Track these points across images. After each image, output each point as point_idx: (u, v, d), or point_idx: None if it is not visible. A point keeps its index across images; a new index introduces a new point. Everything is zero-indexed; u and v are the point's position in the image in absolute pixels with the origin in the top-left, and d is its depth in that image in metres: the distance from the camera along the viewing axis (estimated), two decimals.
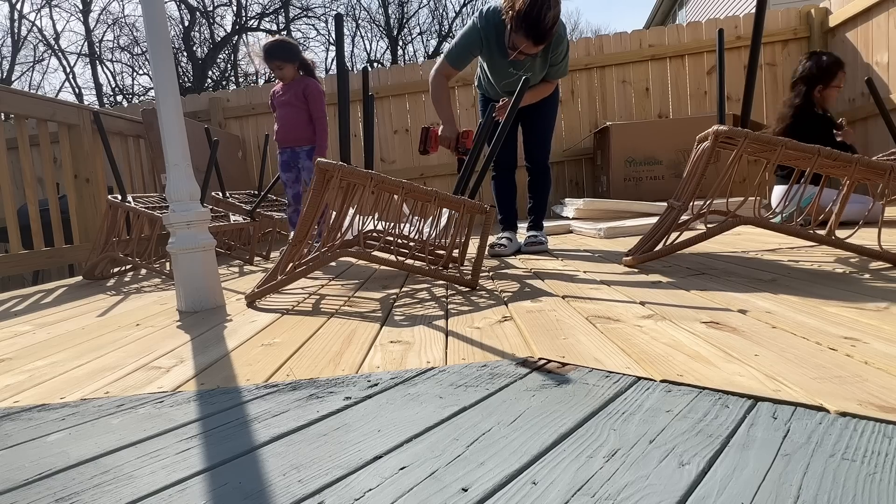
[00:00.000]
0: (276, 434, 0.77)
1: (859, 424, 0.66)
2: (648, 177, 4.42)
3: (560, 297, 1.57)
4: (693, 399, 0.77)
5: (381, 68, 5.34)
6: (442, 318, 1.43)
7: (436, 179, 5.23)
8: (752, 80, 1.77)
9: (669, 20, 13.97)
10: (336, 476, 0.64)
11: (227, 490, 0.63)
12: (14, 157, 4.13)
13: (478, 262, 1.84)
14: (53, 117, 3.28)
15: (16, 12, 20.12)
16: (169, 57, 1.77)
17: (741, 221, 1.77)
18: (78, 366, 1.24)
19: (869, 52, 4.18)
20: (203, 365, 1.16)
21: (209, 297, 1.83)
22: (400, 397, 0.87)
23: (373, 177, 1.75)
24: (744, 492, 0.54)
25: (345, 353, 1.16)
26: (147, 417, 0.88)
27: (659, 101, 5.04)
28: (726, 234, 2.74)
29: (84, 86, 28.91)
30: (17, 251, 2.97)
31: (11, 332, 1.75)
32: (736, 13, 7.66)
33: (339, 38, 1.81)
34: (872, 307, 1.19)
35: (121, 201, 2.79)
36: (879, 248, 1.68)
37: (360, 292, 1.93)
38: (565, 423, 0.73)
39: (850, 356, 0.89)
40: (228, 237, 3.44)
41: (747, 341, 1.01)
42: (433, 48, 21.84)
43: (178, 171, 1.79)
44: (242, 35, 21.73)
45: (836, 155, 1.70)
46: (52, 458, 0.75)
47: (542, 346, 1.09)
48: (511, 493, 0.57)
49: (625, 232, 3.21)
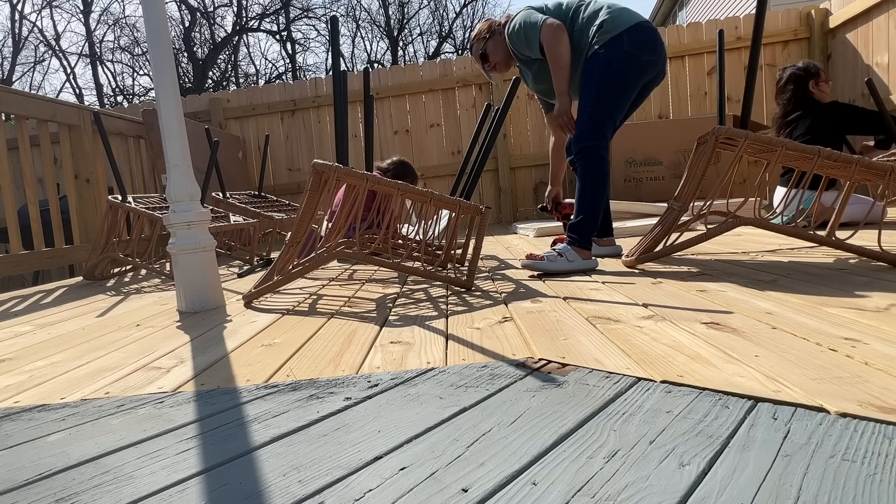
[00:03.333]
0: (277, 434, 0.77)
1: (859, 425, 0.66)
2: (648, 177, 4.42)
3: (560, 297, 1.57)
4: (693, 400, 0.77)
5: (382, 69, 5.34)
6: (442, 318, 1.43)
7: (436, 180, 5.24)
8: (752, 81, 1.78)
9: (669, 21, 13.98)
10: (336, 476, 0.64)
11: (227, 490, 0.63)
12: (14, 157, 4.14)
13: (473, 264, 1.84)
14: (54, 118, 3.28)
15: (17, 13, 20.15)
16: (169, 57, 1.77)
17: (741, 222, 1.77)
18: (78, 366, 1.24)
19: (869, 53, 4.19)
20: (203, 365, 1.16)
21: (209, 298, 1.83)
22: (400, 398, 0.87)
23: (368, 178, 1.75)
24: (744, 492, 0.54)
25: (345, 353, 1.16)
26: (147, 418, 0.88)
27: (659, 102, 5.04)
28: (726, 235, 2.74)
29: (85, 86, 29.00)
30: (18, 251, 2.97)
31: (12, 333, 1.75)
32: (736, 14, 7.67)
33: (335, 41, 1.81)
34: (872, 308, 1.19)
35: (121, 202, 2.79)
36: (879, 249, 1.68)
37: (360, 293, 1.93)
38: (565, 424, 0.73)
39: (850, 357, 0.89)
40: (228, 237, 3.44)
41: (747, 342, 1.01)
42: (433, 49, 21.85)
43: (178, 172, 1.79)
44: (243, 36, 21.76)
45: (837, 156, 1.70)
46: (52, 458, 0.75)
47: (542, 346, 1.09)
48: (511, 494, 0.57)
49: (625, 232, 3.22)
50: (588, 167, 2.07)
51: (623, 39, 2.06)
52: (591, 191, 2.05)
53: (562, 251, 2.00)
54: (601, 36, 2.08)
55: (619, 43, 2.06)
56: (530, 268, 1.97)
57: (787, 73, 2.99)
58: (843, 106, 2.85)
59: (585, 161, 2.08)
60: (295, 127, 5.37)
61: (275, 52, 40.55)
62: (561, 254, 1.98)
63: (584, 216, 2.05)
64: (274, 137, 5.34)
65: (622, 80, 2.09)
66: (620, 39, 2.06)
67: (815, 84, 2.91)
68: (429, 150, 5.29)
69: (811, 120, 2.85)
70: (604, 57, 2.07)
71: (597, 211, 2.07)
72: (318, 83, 5.34)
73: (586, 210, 2.05)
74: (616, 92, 2.10)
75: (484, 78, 5.06)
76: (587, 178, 2.07)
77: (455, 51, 21.05)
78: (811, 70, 2.92)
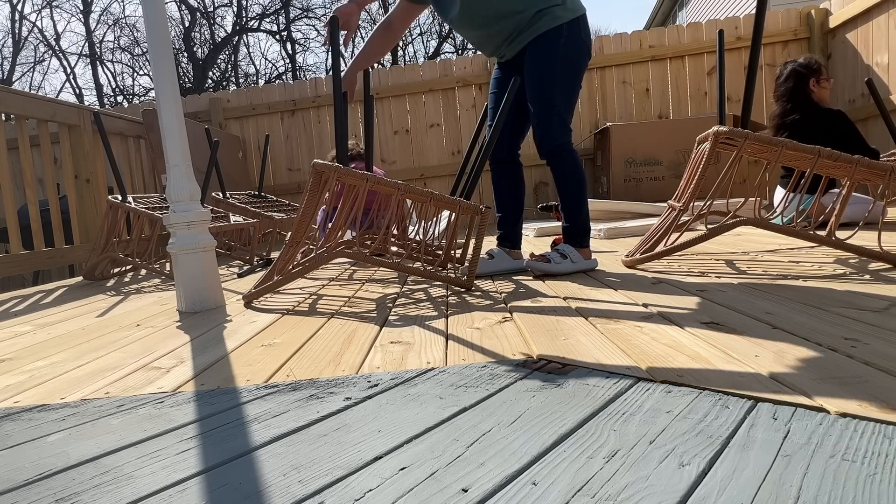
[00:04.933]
0: (277, 434, 0.77)
1: (859, 425, 0.66)
2: (648, 177, 4.42)
3: (560, 297, 1.57)
4: (693, 400, 0.77)
5: (382, 69, 5.34)
6: (442, 318, 1.43)
7: (436, 180, 5.24)
8: (752, 81, 1.77)
9: (670, 21, 13.98)
10: (336, 476, 0.64)
11: (226, 490, 0.63)
12: (14, 157, 4.13)
13: (473, 264, 1.84)
14: (54, 118, 3.28)
15: (16, 13, 20.15)
16: (169, 57, 1.77)
17: (741, 222, 1.77)
18: (78, 366, 1.24)
19: (869, 53, 4.19)
20: (203, 365, 1.16)
21: (209, 298, 1.83)
22: (400, 398, 0.87)
23: (368, 178, 1.75)
24: (744, 492, 0.54)
25: (345, 353, 1.16)
26: (147, 418, 0.88)
27: (659, 102, 5.04)
28: (726, 235, 2.74)
29: (84, 86, 28.99)
30: (18, 251, 2.97)
31: (12, 333, 1.75)
32: (736, 14, 7.67)
33: (335, 40, 1.81)
34: (872, 308, 1.19)
35: (121, 202, 2.79)
36: (879, 249, 1.68)
37: (360, 293, 1.93)
38: (565, 424, 0.73)
39: (850, 357, 0.89)
40: (228, 237, 3.44)
41: (747, 342, 1.01)
42: (433, 49, 21.84)
43: (178, 172, 1.79)
44: (243, 36, 21.76)
45: (837, 156, 1.70)
46: (52, 458, 0.75)
47: (542, 346, 1.09)
48: (511, 494, 0.57)
49: (625, 233, 3.22)
50: (567, 167, 1.98)
51: (580, 26, 1.92)
52: (576, 192, 2.00)
53: (565, 252, 1.98)
54: (564, 12, 1.89)
55: (578, 29, 1.91)
56: (536, 270, 1.97)
57: (788, 68, 2.92)
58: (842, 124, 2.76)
59: (562, 161, 1.97)
60: (295, 127, 5.37)
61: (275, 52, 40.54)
62: (565, 255, 1.97)
63: (580, 218, 2.01)
64: (274, 137, 5.34)
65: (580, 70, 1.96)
66: (578, 25, 1.91)
67: (815, 82, 2.88)
68: (429, 150, 5.29)
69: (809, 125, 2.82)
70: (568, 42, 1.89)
71: (586, 208, 2.03)
72: (318, 83, 5.33)
73: (577, 210, 2.01)
74: (576, 82, 1.97)
75: (484, 78, 5.06)
76: (569, 179, 1.99)
77: (455, 51, 21.02)
78: (812, 67, 2.87)
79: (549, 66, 1.91)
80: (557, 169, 1.99)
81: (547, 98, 1.92)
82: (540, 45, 1.91)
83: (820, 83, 2.88)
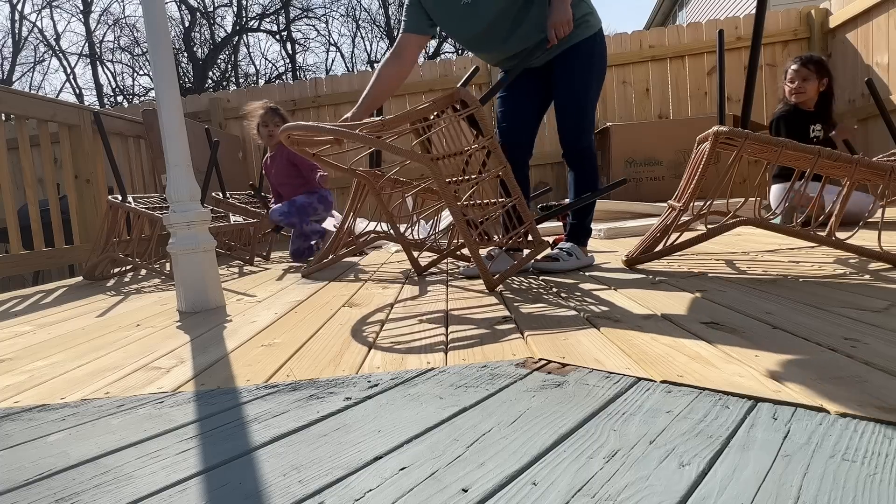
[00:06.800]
0: (277, 434, 0.77)
1: (859, 425, 0.66)
2: (648, 177, 4.42)
3: (561, 297, 1.57)
4: (693, 400, 0.77)
5: None
6: (442, 318, 1.43)
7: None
8: (752, 81, 1.77)
9: (670, 21, 13.98)
10: (336, 476, 0.64)
11: (227, 490, 0.63)
12: (14, 157, 4.12)
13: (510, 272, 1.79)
14: (54, 118, 3.28)
15: (16, 13, 20.15)
16: (169, 57, 1.77)
17: (741, 222, 1.77)
18: (78, 366, 1.24)
19: (869, 52, 4.19)
20: (203, 365, 1.16)
21: (209, 298, 1.83)
22: (400, 398, 0.87)
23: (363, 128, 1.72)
24: (744, 492, 0.54)
25: (345, 353, 1.16)
26: (147, 418, 0.88)
27: (659, 102, 5.04)
28: (726, 235, 2.74)
29: (85, 86, 28.97)
30: (18, 251, 2.97)
31: (12, 333, 1.75)
32: (736, 14, 7.66)
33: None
34: (872, 308, 1.19)
35: (121, 202, 2.79)
36: (879, 249, 1.68)
37: (361, 292, 1.93)
38: (565, 424, 0.73)
39: (850, 357, 0.89)
40: (228, 237, 3.44)
41: (747, 342, 1.01)
42: (433, 49, 21.84)
43: (178, 172, 1.79)
44: (243, 36, 21.76)
45: (837, 156, 1.70)
46: (52, 458, 0.75)
47: (542, 346, 1.09)
48: (511, 494, 0.57)
49: (625, 232, 3.21)
50: (588, 168, 2.06)
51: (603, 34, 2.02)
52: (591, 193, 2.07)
53: (570, 250, 2.04)
54: (595, 20, 1.98)
55: (603, 37, 2.01)
56: (543, 269, 2.01)
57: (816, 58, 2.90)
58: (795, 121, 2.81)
59: (587, 161, 2.05)
60: None
61: (275, 52, 40.56)
62: (571, 253, 2.04)
63: (588, 218, 2.12)
64: None
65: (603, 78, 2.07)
66: (602, 33, 2.01)
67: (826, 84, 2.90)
68: None
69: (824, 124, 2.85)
70: (599, 48, 1.99)
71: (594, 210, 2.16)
72: (318, 83, 5.33)
73: (588, 210, 2.12)
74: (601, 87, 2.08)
75: (484, 78, 5.06)
76: (589, 180, 2.06)
77: (455, 51, 21.02)
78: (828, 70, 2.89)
79: (587, 74, 1.99)
80: (580, 169, 2.06)
81: (583, 105, 2.00)
82: (579, 53, 1.97)
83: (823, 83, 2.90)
